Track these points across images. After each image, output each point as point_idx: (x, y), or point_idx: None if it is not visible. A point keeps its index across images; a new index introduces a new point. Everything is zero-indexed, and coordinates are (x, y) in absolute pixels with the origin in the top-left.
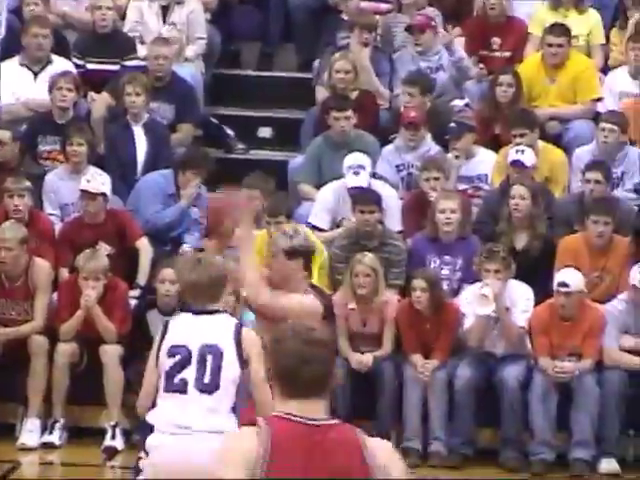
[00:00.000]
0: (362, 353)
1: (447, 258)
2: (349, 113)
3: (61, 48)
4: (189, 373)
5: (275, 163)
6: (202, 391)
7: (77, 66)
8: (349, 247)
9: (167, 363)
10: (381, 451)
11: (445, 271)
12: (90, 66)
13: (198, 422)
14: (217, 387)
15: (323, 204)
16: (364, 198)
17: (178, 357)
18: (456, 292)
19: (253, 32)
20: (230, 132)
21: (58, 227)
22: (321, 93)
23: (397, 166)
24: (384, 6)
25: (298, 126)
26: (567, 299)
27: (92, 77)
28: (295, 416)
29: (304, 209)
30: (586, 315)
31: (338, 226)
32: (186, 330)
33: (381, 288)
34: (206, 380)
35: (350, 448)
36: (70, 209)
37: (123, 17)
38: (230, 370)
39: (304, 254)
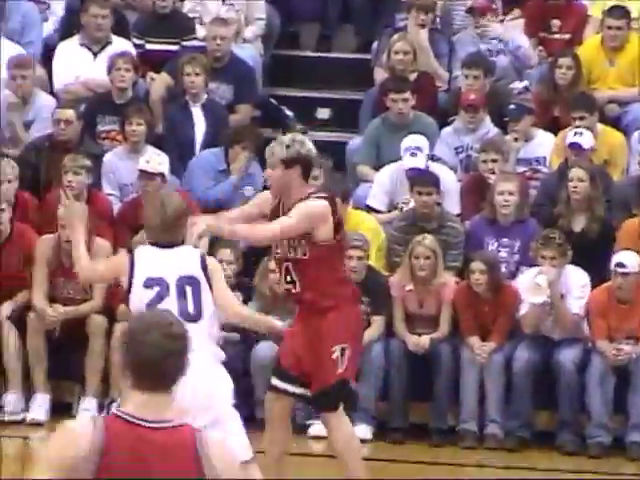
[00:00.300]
0: (419, 335)
1: (505, 240)
2: (407, 95)
3: (121, 28)
4: (170, 304)
5: (333, 144)
6: (188, 320)
7: (136, 46)
8: (407, 229)
9: (146, 295)
10: (218, 456)
11: (503, 253)
12: (149, 46)
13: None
14: (201, 315)
15: (381, 186)
16: (422, 180)
17: (156, 289)
18: (514, 274)
19: (312, 13)
20: (289, 113)
21: (117, 207)
22: (380, 74)
23: (456, 148)
24: None
25: (357, 107)
26: (624, 280)
27: (151, 57)
28: (134, 417)
29: (362, 190)
30: None
31: (396, 208)
32: (159, 263)
33: (440, 270)
34: (190, 310)
35: (185, 453)
36: (129, 189)
37: None
38: (208, 298)
39: (302, 162)
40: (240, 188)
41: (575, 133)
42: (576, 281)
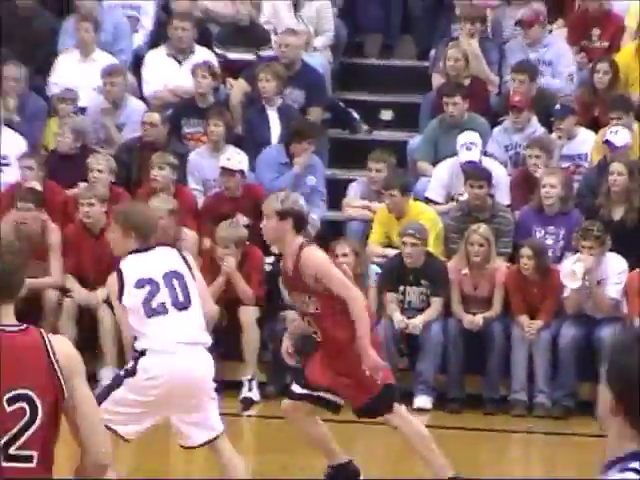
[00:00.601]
0: (473, 314)
1: (551, 229)
2: (457, 99)
3: (205, 39)
4: (162, 298)
5: (395, 143)
6: (180, 309)
7: (218, 55)
8: (462, 219)
9: (139, 294)
10: (63, 352)
11: (549, 241)
12: (230, 55)
13: (186, 336)
14: (190, 303)
15: (438, 180)
16: (475, 174)
17: (147, 287)
18: (559, 259)
19: (376, 25)
20: (355, 115)
21: (201, 200)
22: (437, 80)
23: (506, 146)
24: (492, 2)
25: (416, 109)
26: None
27: (232, 66)
28: None
29: (421, 184)
30: None
31: (452, 200)
32: (144, 265)
33: (493, 256)
34: (181, 299)
35: (38, 351)
36: (211, 184)
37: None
38: (193, 287)
39: (294, 215)
40: (304, 177)
41: (610, 132)
42: (614, 268)
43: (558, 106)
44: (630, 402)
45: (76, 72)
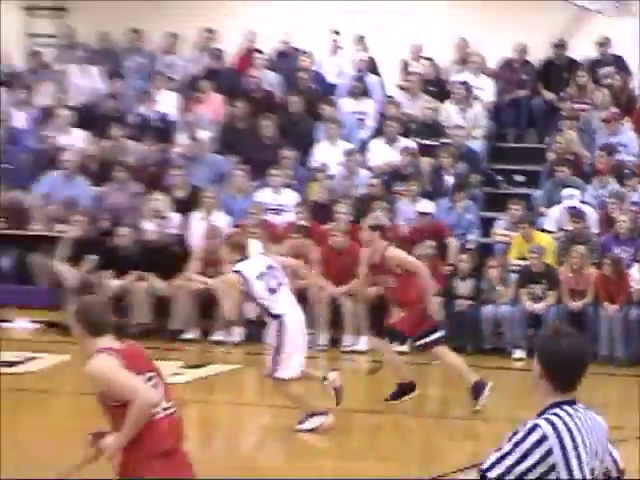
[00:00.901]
0: (575, 301)
1: (624, 247)
2: (563, 168)
3: (405, 132)
4: (273, 281)
5: (525, 195)
6: (282, 285)
7: (414, 142)
8: (567, 242)
9: (261, 284)
10: None
11: (623, 255)
12: (421, 142)
13: (292, 300)
14: (285, 280)
15: (552, 218)
16: (575, 214)
17: (265, 278)
18: (629, 267)
19: (512, 122)
20: (500, 178)
21: (405, 230)
22: (551, 156)
23: (594, 196)
24: (586, 106)
25: (538, 175)
26: None
27: (423, 148)
28: None
29: (541, 220)
30: None
31: (561, 230)
32: (252, 266)
33: (587, 265)
34: (280, 279)
35: (140, 351)
36: (412, 222)
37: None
38: (280, 269)
39: (379, 228)
40: (464, 215)
41: None
42: None
43: (627, 171)
44: (553, 371)
45: (327, 153)
